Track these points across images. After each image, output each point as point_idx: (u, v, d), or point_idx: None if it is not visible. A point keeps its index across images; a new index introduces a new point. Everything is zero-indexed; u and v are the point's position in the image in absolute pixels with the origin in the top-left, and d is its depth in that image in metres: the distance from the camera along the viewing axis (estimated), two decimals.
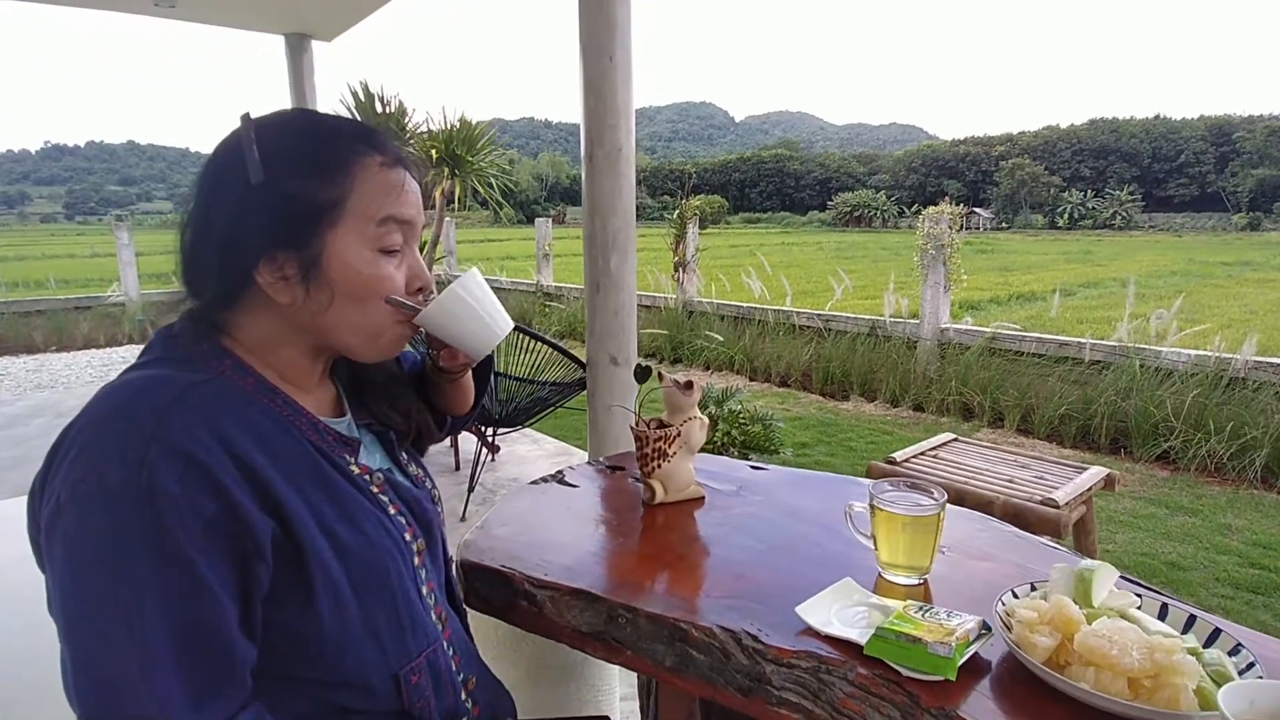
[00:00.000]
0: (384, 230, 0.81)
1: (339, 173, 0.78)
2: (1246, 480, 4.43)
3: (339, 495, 0.79)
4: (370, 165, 0.80)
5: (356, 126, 0.84)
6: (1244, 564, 3.41)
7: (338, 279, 0.79)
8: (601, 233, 2.66)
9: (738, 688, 0.87)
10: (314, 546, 0.74)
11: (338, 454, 0.83)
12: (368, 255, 0.80)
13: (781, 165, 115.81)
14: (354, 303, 0.80)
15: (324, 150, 0.79)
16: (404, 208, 0.82)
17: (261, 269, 0.77)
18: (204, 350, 0.78)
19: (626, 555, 1.12)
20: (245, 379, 0.78)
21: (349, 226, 0.79)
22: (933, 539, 1.02)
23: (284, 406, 0.80)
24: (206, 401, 0.71)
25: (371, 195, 0.80)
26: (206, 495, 0.66)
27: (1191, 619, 0.86)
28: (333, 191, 0.78)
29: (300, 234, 0.77)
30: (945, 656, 0.78)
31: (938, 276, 6.51)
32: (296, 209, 0.77)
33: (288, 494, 0.73)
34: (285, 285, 0.78)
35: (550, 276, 11.70)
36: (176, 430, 0.67)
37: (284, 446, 0.76)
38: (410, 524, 0.88)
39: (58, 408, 6.06)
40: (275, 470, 0.73)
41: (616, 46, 2.55)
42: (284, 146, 0.78)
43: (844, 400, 6.59)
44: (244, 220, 0.76)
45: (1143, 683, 0.74)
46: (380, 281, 0.81)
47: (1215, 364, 4.95)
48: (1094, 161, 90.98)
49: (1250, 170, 68.10)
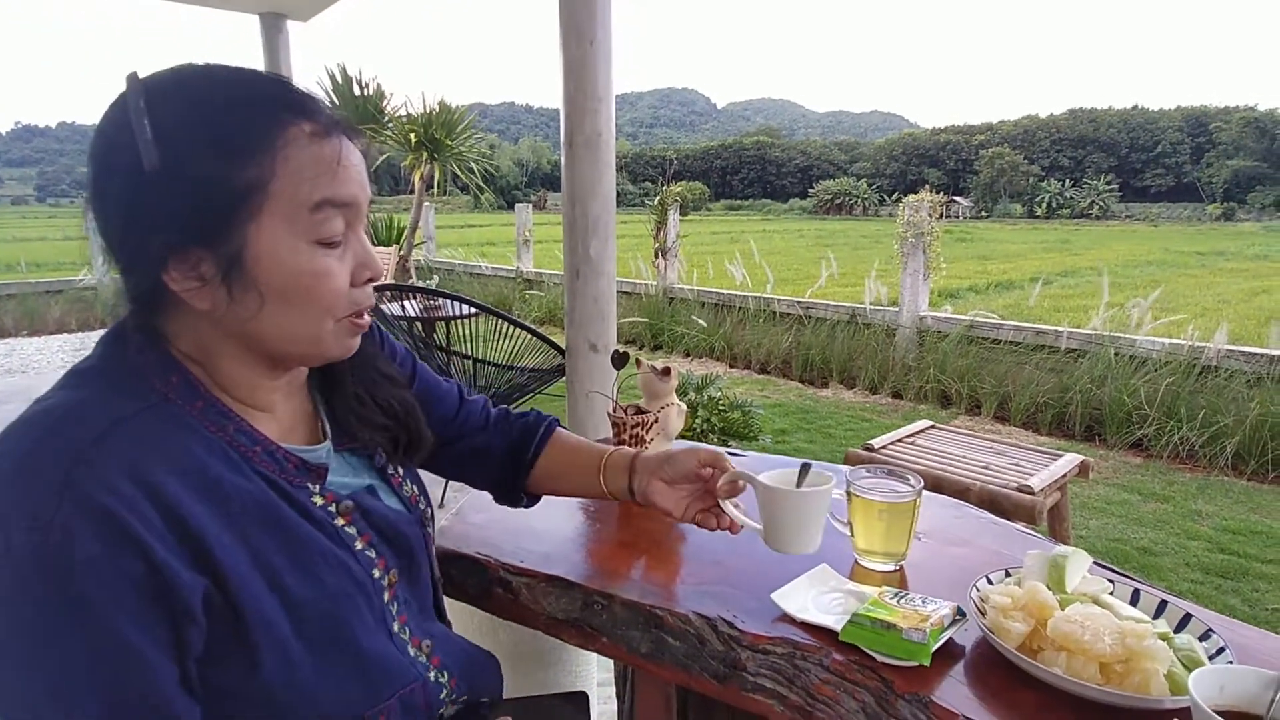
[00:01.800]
0: (320, 217, 0.67)
1: (258, 148, 0.64)
2: (1217, 467, 4.51)
3: (293, 540, 0.69)
4: (297, 136, 0.66)
5: (277, 86, 0.68)
6: (1214, 549, 3.47)
7: (265, 279, 0.66)
8: (581, 219, 2.64)
9: (713, 674, 0.86)
10: (255, 605, 0.64)
11: (298, 484, 0.72)
12: (301, 248, 0.67)
13: (763, 152, 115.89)
14: (288, 306, 0.68)
15: (237, 120, 0.64)
16: (343, 187, 0.68)
17: (171, 270, 0.64)
18: (149, 361, 0.67)
19: (603, 542, 1.11)
20: (194, 401, 0.67)
21: (275, 214, 0.65)
22: (909, 525, 1.02)
23: (236, 435, 0.69)
24: (133, 440, 0.60)
25: (301, 174, 0.66)
26: (130, 555, 0.57)
27: (1163, 604, 0.87)
28: (251, 172, 0.64)
29: (213, 227, 0.64)
30: (920, 642, 0.78)
31: (917, 264, 6.54)
32: (206, 197, 0.63)
33: (228, 548, 0.63)
34: (203, 288, 0.65)
35: (530, 262, 11.63)
36: (93, 482, 0.57)
37: (232, 486, 0.66)
38: (382, 555, 0.78)
39: (29, 393, 5.86)
40: (216, 519, 0.63)
41: (597, 30, 2.53)
42: (185, 118, 0.63)
43: (823, 387, 6.62)
44: (140, 212, 0.63)
45: (1114, 668, 0.74)
46: (318, 279, 0.68)
47: (1188, 352, 5.03)
48: (1072, 151, 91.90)
49: (1225, 161, 69.14)
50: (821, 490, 0.90)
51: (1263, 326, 7.63)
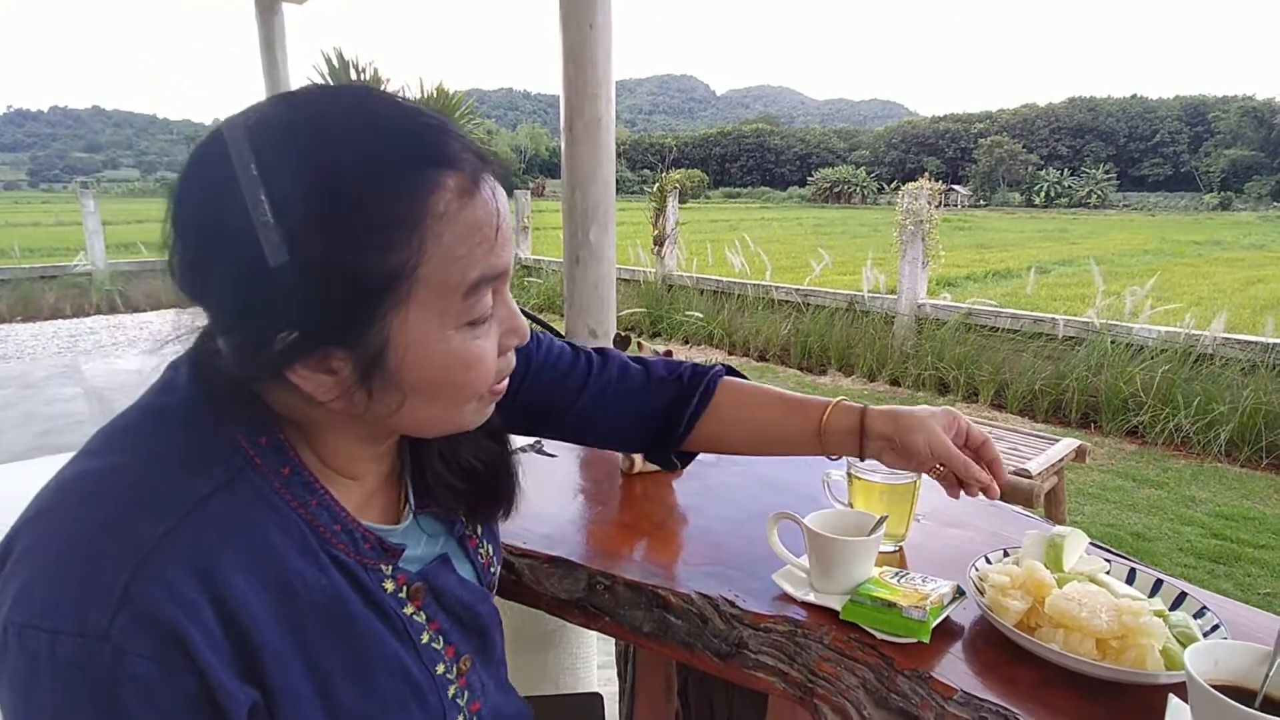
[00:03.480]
0: (474, 298, 0.56)
1: (404, 225, 0.52)
2: (1212, 454, 4.54)
3: (354, 642, 0.60)
4: (446, 199, 0.53)
5: (418, 127, 0.54)
6: (1207, 535, 3.50)
7: (410, 375, 0.56)
8: (581, 204, 2.63)
9: (715, 652, 0.87)
10: (296, 711, 0.56)
11: (371, 566, 0.63)
12: (451, 336, 0.56)
13: (762, 140, 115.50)
14: (432, 399, 0.59)
15: (378, 190, 0.51)
16: (500, 255, 0.57)
17: (298, 368, 0.54)
18: (241, 415, 0.57)
19: (605, 524, 1.12)
20: (280, 469, 0.57)
21: (424, 303, 0.54)
22: (909, 507, 1.03)
23: (317, 511, 0.59)
24: (208, 530, 0.52)
25: (454, 252, 0.54)
26: (186, 673, 0.50)
27: (1158, 583, 0.88)
28: (396, 257, 0.52)
29: (350, 324, 0.53)
30: (920, 620, 0.79)
31: (916, 253, 6.55)
32: (342, 290, 0.51)
33: (283, 658, 0.55)
34: (335, 383, 0.55)
35: (529, 249, 11.62)
36: (156, 591, 0.49)
37: (301, 581, 0.57)
38: (451, 642, 0.70)
39: (24, 379, 5.95)
40: (278, 620, 0.55)
41: (597, 14, 2.51)
42: (311, 190, 0.50)
43: (822, 374, 6.64)
44: (260, 304, 0.51)
45: (1111, 644, 0.75)
46: (469, 368, 0.58)
47: (1184, 340, 5.05)
48: (1071, 140, 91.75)
49: (1223, 150, 69.08)
50: (871, 540, 0.88)
51: (1258, 315, 7.65)
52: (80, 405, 5.22)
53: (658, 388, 0.94)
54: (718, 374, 0.96)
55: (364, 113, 0.54)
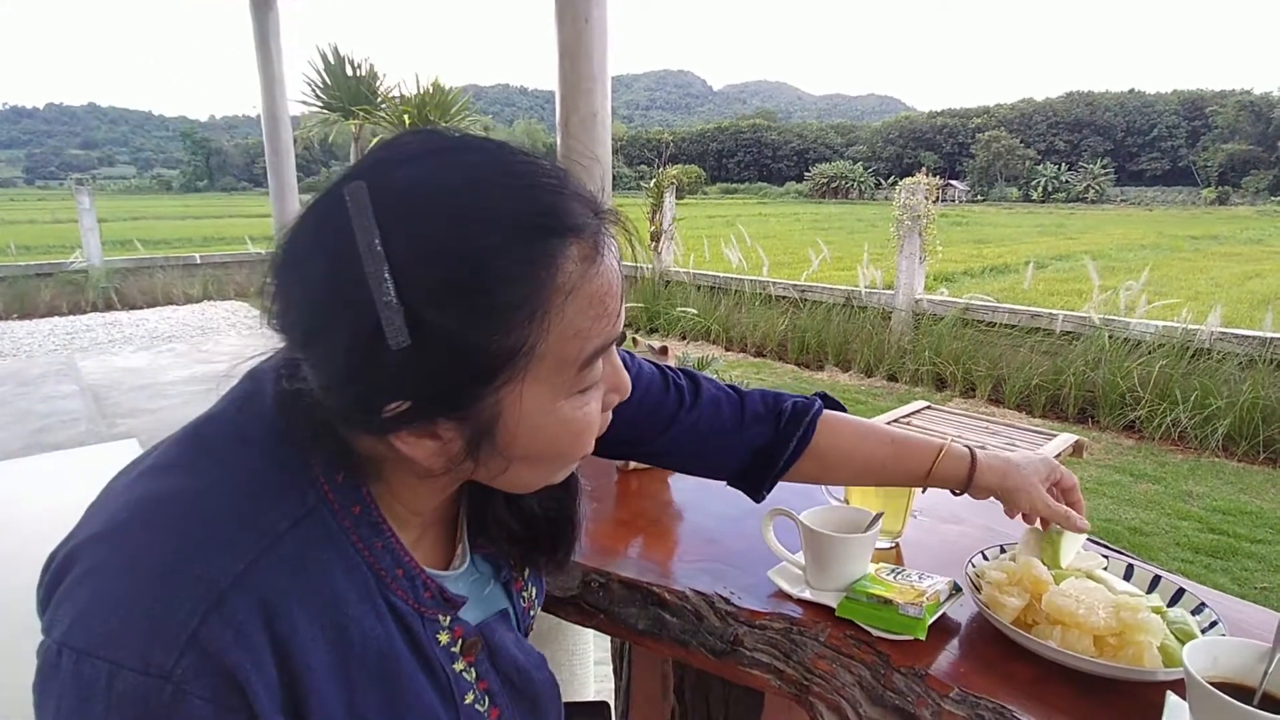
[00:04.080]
0: (588, 370, 0.54)
1: (530, 304, 0.49)
2: (1209, 449, 4.54)
3: (397, 690, 0.58)
4: (569, 270, 0.50)
5: (539, 197, 0.50)
6: (1204, 529, 3.51)
7: (519, 446, 0.54)
8: None
9: (711, 650, 0.87)
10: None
11: (429, 617, 0.61)
12: (562, 407, 0.54)
13: (759, 135, 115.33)
14: (537, 465, 0.57)
15: (504, 267, 0.48)
16: (616, 324, 0.54)
17: (403, 434, 0.51)
18: (318, 448, 0.54)
19: (600, 521, 1.11)
20: (351, 506, 0.55)
21: (539, 378, 0.52)
22: (905, 503, 1.03)
23: (381, 556, 0.57)
24: (279, 571, 0.50)
25: (574, 325, 0.51)
26: (238, 713, 0.49)
27: (1156, 579, 0.88)
28: (518, 335, 0.49)
29: (463, 398, 0.50)
30: (916, 617, 0.79)
31: (913, 248, 6.54)
32: (459, 366, 0.49)
33: (328, 700, 0.53)
34: (439, 448, 0.52)
35: None
36: (229, 634, 0.48)
37: (358, 631, 0.55)
38: (498, 705, 0.66)
39: (19, 376, 5.94)
40: (330, 668, 0.53)
41: (592, 8, 2.49)
42: (435, 268, 0.47)
43: (819, 370, 6.64)
44: (373, 374, 0.48)
45: (1108, 640, 0.75)
46: (577, 436, 0.56)
47: (1182, 335, 5.06)
48: (1069, 134, 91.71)
49: (1221, 145, 69.09)
50: (867, 536, 0.88)
51: (1256, 310, 7.66)
52: (76, 403, 5.20)
53: (752, 425, 0.89)
54: (817, 412, 0.91)
55: (492, 181, 0.50)
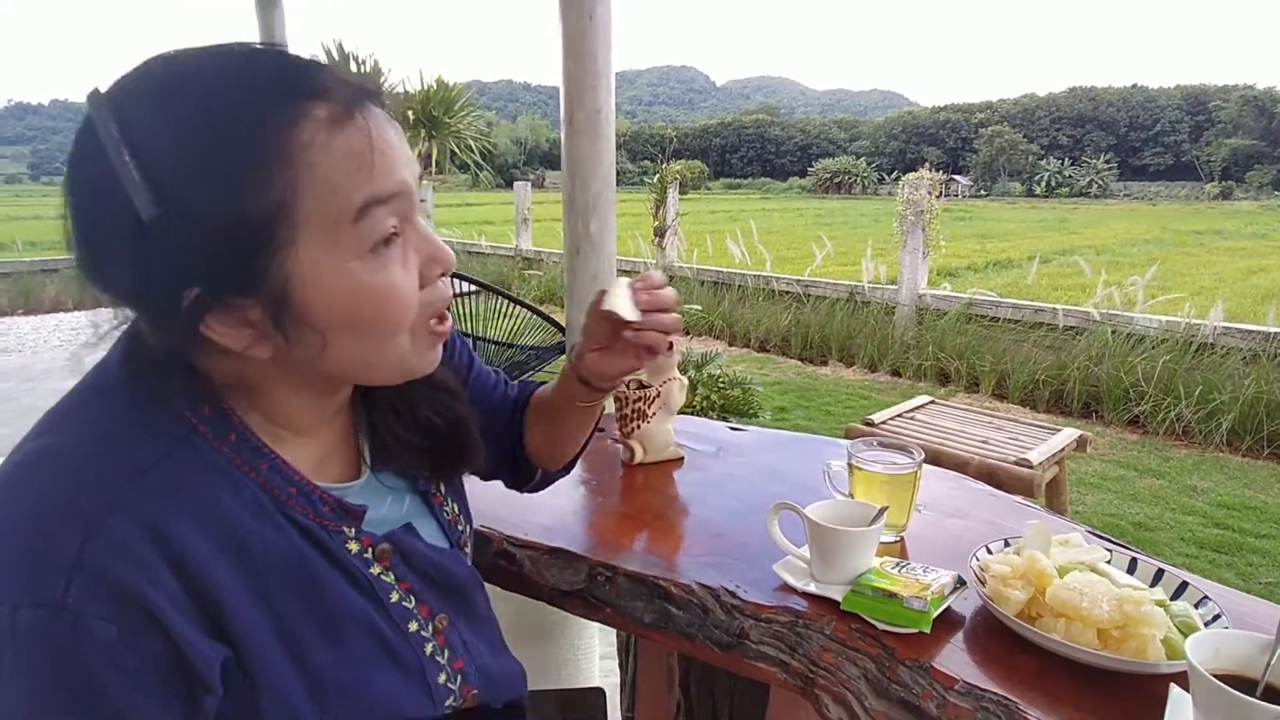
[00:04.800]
0: (368, 223, 0.55)
1: (271, 163, 0.51)
2: (1213, 443, 4.53)
3: (322, 602, 0.61)
4: (314, 133, 0.52)
5: (274, 65, 0.54)
6: (1208, 524, 3.50)
7: (322, 313, 0.56)
8: (581, 196, 2.62)
9: (716, 643, 0.87)
10: (271, 678, 0.57)
11: (334, 529, 0.64)
12: (353, 267, 0.55)
13: (762, 131, 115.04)
14: (356, 335, 0.58)
15: (237, 131, 0.51)
16: (387, 177, 0.56)
17: (211, 323, 0.54)
18: (179, 388, 0.57)
19: (606, 515, 1.12)
20: (226, 435, 0.58)
21: (313, 239, 0.53)
22: (909, 497, 1.03)
23: (270, 476, 0.60)
24: (156, 494, 0.52)
25: (332, 182, 0.53)
26: (148, 634, 0.50)
27: (1160, 573, 0.88)
28: (270, 197, 0.51)
29: (242, 270, 0.53)
30: (921, 610, 0.79)
31: (917, 243, 6.53)
32: (223, 242, 0.51)
33: (249, 619, 0.56)
34: (255, 335, 0.55)
35: (529, 241, 11.58)
36: (109, 555, 0.49)
37: (259, 544, 0.57)
38: (424, 602, 0.70)
39: (25, 372, 5.95)
40: (240, 583, 0.56)
41: (597, 5, 2.49)
42: (173, 143, 0.50)
43: (822, 365, 6.63)
44: (151, 266, 0.52)
45: (1112, 634, 0.75)
46: (383, 297, 0.57)
47: (1185, 330, 5.05)
48: (1072, 129, 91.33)
49: (1224, 140, 68.74)
50: (872, 530, 0.88)
51: (1259, 304, 7.64)
52: None
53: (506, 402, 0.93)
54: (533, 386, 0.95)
55: (221, 59, 0.53)
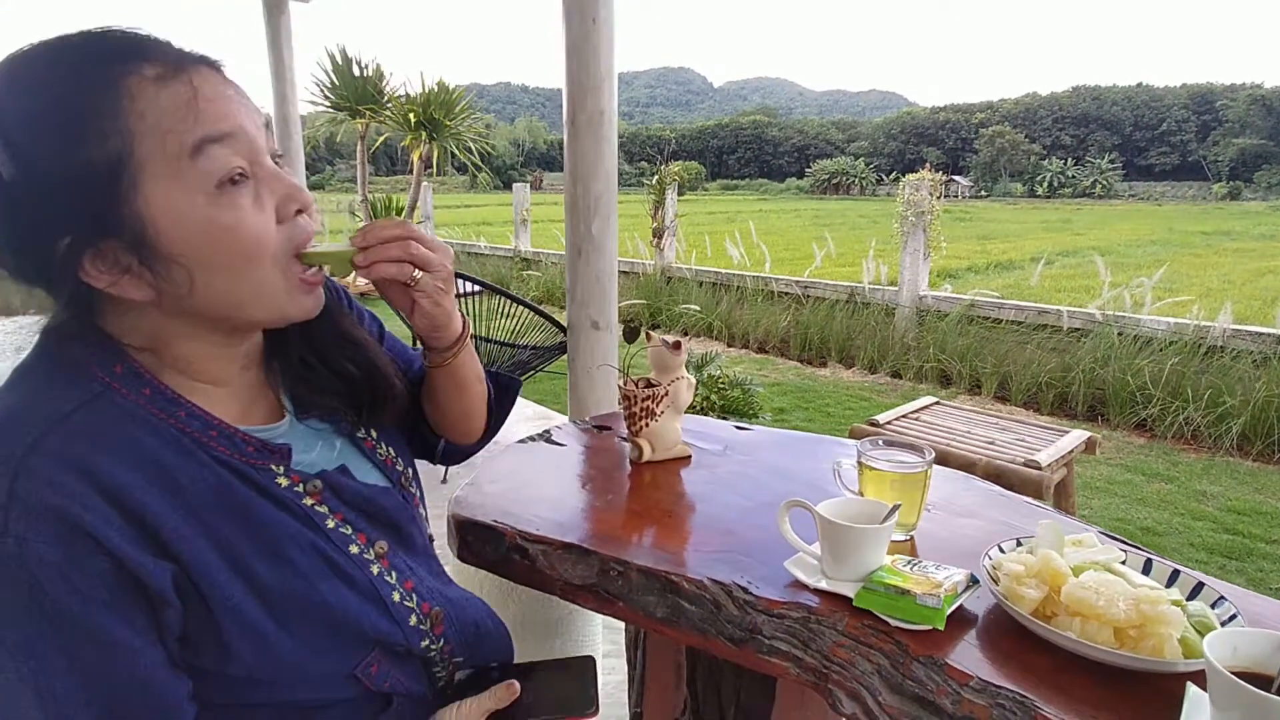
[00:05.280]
0: (205, 161, 0.61)
1: (105, 116, 0.58)
2: (1223, 448, 4.50)
3: (259, 526, 0.67)
4: (142, 87, 0.59)
5: (104, 41, 0.61)
6: (1219, 530, 3.49)
7: (180, 247, 0.61)
8: (584, 197, 2.63)
9: (729, 638, 0.87)
10: (221, 594, 0.63)
11: (260, 467, 0.69)
12: (200, 201, 0.61)
13: (760, 132, 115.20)
14: (217, 267, 0.63)
15: (72, 95, 0.58)
16: (213, 120, 0.61)
17: (87, 269, 0.60)
18: (91, 353, 0.64)
19: (615, 511, 1.11)
20: (140, 389, 0.64)
21: (156, 177, 0.60)
22: (920, 496, 1.03)
23: (189, 421, 0.65)
24: (75, 437, 0.58)
25: (161, 125, 0.59)
26: (92, 552, 0.56)
27: (1175, 573, 0.88)
28: (109, 145, 0.58)
29: (102, 214, 0.59)
30: (934, 607, 0.79)
31: (917, 244, 6.53)
32: (77, 188, 0.58)
33: (188, 539, 0.61)
34: (131, 279, 0.61)
35: (528, 242, 11.60)
36: (39, 486, 0.55)
37: (187, 476, 0.63)
38: (361, 530, 0.75)
39: None
40: (173, 510, 0.61)
41: (600, 9, 2.50)
42: (24, 112, 0.59)
43: (822, 366, 6.63)
44: (23, 221, 0.60)
45: (1128, 633, 0.75)
46: (233, 227, 0.63)
47: (1194, 332, 5.02)
48: (1075, 129, 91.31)
49: (1231, 139, 68.68)
50: (884, 527, 0.88)
51: (1269, 307, 7.62)
52: None
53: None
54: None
55: (59, 43, 0.61)
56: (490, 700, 0.82)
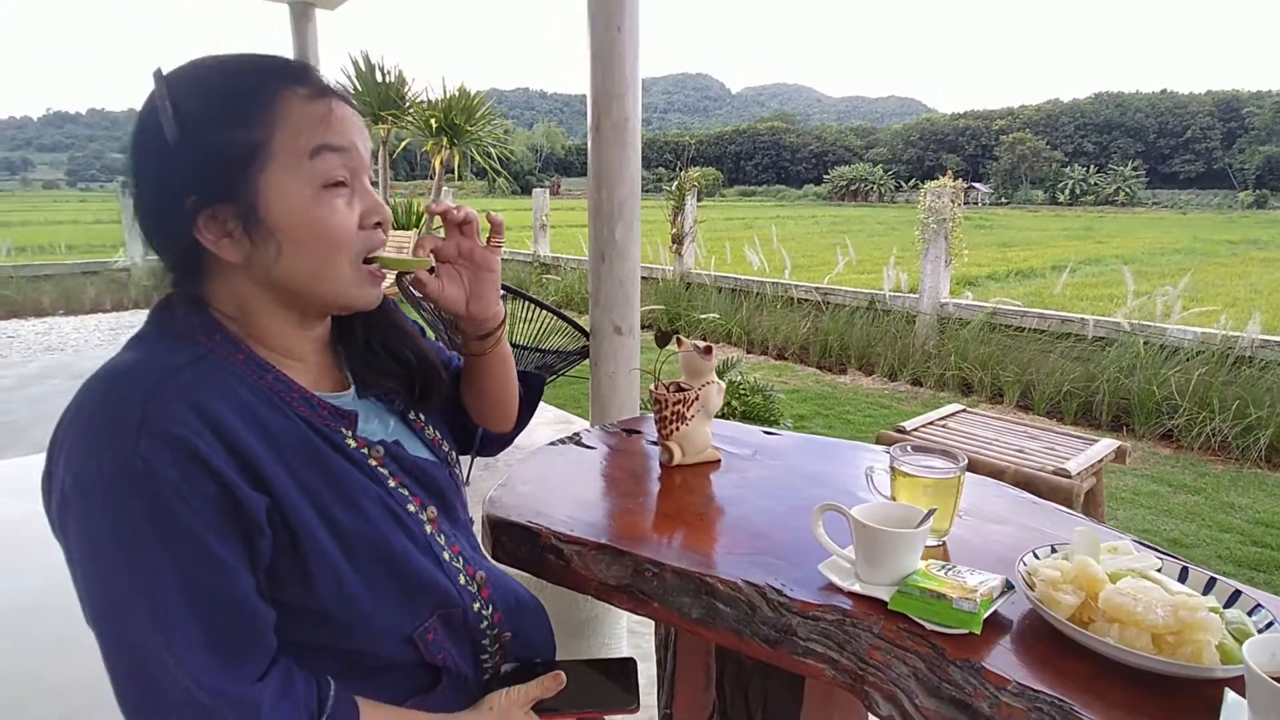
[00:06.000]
0: (320, 163, 0.74)
1: (259, 112, 0.73)
2: (1250, 459, 4.44)
3: (336, 475, 0.77)
4: (292, 99, 0.74)
5: (274, 62, 0.78)
6: (1246, 542, 3.43)
7: (280, 224, 0.74)
8: (607, 203, 2.65)
9: (764, 639, 0.88)
10: (308, 531, 0.72)
11: (334, 428, 0.80)
12: (306, 193, 0.74)
13: (778, 138, 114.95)
14: (303, 247, 0.75)
15: (240, 93, 0.74)
16: (336, 135, 0.76)
17: (201, 227, 0.73)
18: (195, 324, 0.75)
19: (647, 513, 1.13)
20: (235, 355, 0.75)
21: (281, 166, 0.73)
22: (953, 502, 1.03)
23: (275, 383, 0.77)
24: (190, 385, 0.69)
25: (298, 129, 0.74)
26: (203, 476, 0.66)
27: (1212, 581, 0.88)
28: (255, 133, 0.73)
29: (229, 183, 0.72)
30: (970, 611, 0.79)
31: (938, 251, 6.50)
32: (220, 157, 0.72)
33: (280, 477, 0.71)
34: (231, 242, 0.74)
35: (547, 247, 11.65)
36: (164, 416, 0.66)
37: (277, 426, 0.74)
38: (415, 495, 0.85)
39: (69, 370, 6.06)
40: (267, 452, 0.71)
41: (625, 17, 2.52)
42: (199, 96, 0.73)
43: (841, 374, 6.61)
44: (169, 179, 0.73)
45: (1166, 639, 0.75)
46: (326, 219, 0.75)
47: (1221, 342, 4.95)
48: (1097, 136, 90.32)
49: (1258, 147, 67.63)
50: (919, 532, 0.88)
51: None
52: None
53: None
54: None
55: (247, 55, 0.78)
56: (537, 688, 0.87)
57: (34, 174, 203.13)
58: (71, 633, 0.96)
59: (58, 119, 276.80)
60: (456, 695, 0.86)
